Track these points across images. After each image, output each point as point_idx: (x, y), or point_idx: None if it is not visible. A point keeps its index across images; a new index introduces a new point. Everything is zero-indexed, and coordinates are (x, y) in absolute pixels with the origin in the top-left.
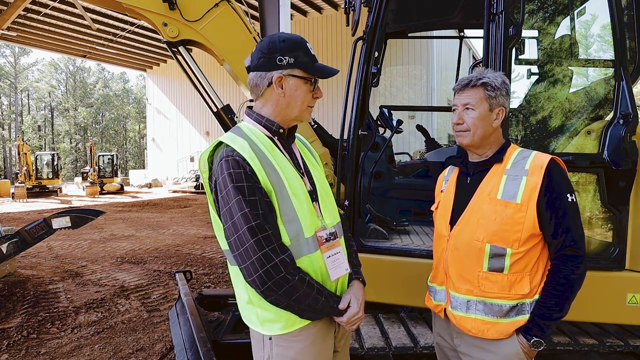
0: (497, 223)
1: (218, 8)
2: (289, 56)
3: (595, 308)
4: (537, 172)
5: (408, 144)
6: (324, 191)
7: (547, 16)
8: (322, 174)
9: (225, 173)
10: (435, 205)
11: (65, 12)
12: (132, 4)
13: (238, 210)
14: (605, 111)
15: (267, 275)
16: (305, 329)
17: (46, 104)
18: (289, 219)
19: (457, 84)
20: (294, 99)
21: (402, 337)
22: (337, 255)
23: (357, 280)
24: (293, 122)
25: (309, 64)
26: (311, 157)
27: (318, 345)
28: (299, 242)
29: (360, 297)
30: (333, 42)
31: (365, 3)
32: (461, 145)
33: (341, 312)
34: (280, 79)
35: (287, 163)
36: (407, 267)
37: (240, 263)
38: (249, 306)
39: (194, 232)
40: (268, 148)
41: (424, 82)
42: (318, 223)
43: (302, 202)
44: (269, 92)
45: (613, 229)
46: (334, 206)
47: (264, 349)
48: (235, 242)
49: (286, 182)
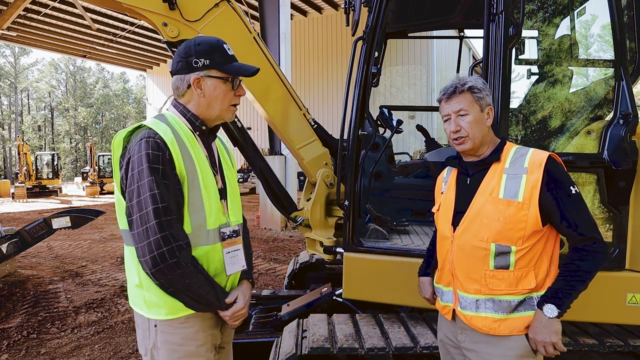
0: (500, 222)
1: (218, 8)
2: (204, 58)
3: (595, 308)
4: (537, 170)
5: (408, 144)
6: (234, 192)
7: (547, 16)
8: (234, 176)
9: (143, 152)
10: (436, 207)
11: (65, 12)
12: (132, 4)
13: (147, 190)
14: (605, 111)
15: (160, 257)
16: (191, 317)
17: (46, 104)
18: (195, 209)
19: (443, 93)
20: (213, 98)
21: (402, 337)
22: (236, 252)
23: (247, 280)
24: (216, 121)
25: (225, 64)
26: (228, 160)
27: (204, 333)
28: (199, 233)
29: (247, 295)
30: (333, 42)
31: (365, 3)
32: (462, 152)
33: (227, 306)
34: (198, 80)
35: (204, 159)
36: (407, 267)
37: (138, 242)
38: (138, 289)
39: None
40: (189, 140)
41: (424, 82)
42: (223, 219)
43: (211, 196)
44: (189, 93)
45: (613, 229)
46: (239, 208)
47: (150, 336)
48: (137, 220)
49: (200, 175)
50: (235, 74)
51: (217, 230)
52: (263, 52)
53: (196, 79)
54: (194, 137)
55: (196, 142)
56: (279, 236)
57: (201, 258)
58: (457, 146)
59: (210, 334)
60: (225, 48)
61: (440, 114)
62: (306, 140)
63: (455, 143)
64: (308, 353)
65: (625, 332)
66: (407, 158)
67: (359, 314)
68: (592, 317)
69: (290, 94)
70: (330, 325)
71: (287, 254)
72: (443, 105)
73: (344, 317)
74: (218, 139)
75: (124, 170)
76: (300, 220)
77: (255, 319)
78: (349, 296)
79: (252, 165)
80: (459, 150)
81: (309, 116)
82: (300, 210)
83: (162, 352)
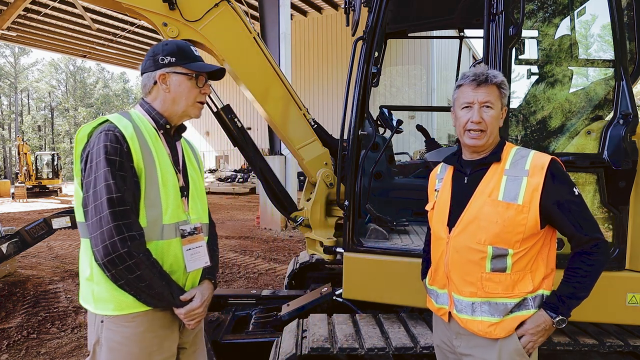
0: (499, 225)
1: (218, 8)
2: (170, 56)
3: (595, 308)
4: (538, 173)
5: (408, 144)
6: (197, 192)
7: (547, 16)
8: (199, 177)
9: (102, 144)
10: (430, 206)
11: (65, 12)
12: (132, 4)
13: (103, 181)
14: (605, 111)
15: (112, 247)
16: (141, 315)
17: (46, 104)
18: (151, 203)
19: (472, 79)
20: (178, 94)
21: (402, 337)
22: (198, 249)
23: (208, 280)
24: (182, 117)
25: (190, 62)
26: (193, 160)
27: (151, 334)
28: (154, 227)
29: (206, 294)
30: (333, 42)
31: (365, 3)
32: (474, 147)
33: (182, 303)
34: (164, 76)
35: (166, 156)
36: (407, 267)
37: (91, 232)
38: (88, 283)
39: None
40: (152, 137)
41: (424, 82)
42: (182, 216)
43: (170, 192)
44: (155, 89)
45: (613, 229)
46: (203, 208)
47: (95, 331)
48: (91, 210)
49: (159, 170)
50: (199, 70)
51: (175, 226)
52: (263, 52)
53: (162, 74)
54: (157, 135)
55: (159, 139)
56: (279, 236)
57: (155, 252)
58: (471, 139)
59: (161, 335)
60: (192, 49)
61: (455, 100)
62: (306, 140)
63: (470, 135)
64: (308, 353)
65: (625, 332)
66: (407, 158)
67: (359, 314)
68: (592, 317)
69: (290, 94)
70: (330, 325)
71: (287, 254)
72: (467, 90)
73: (344, 317)
74: (185, 140)
75: (84, 163)
76: (300, 220)
77: (255, 319)
78: (349, 296)
79: (252, 165)
80: (471, 145)
81: (309, 116)
82: (300, 210)
83: (104, 349)
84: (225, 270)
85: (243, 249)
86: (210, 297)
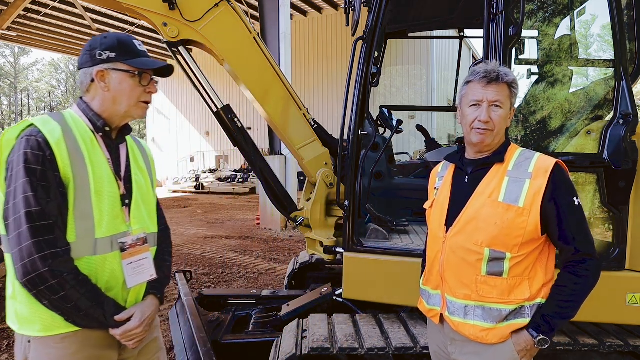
0: (497, 227)
1: (218, 8)
2: (110, 51)
3: (595, 308)
4: (542, 176)
5: (408, 144)
6: (143, 199)
7: (547, 16)
8: (147, 182)
9: (22, 152)
10: (428, 204)
11: (65, 12)
12: (132, 4)
13: (21, 193)
14: (605, 111)
15: (32, 266)
16: (71, 335)
17: (46, 104)
18: (81, 215)
19: (481, 75)
20: (119, 93)
21: (402, 337)
22: (141, 262)
23: (153, 295)
24: (125, 118)
25: (132, 57)
26: (142, 164)
27: (83, 355)
28: (86, 241)
29: (147, 313)
30: (333, 42)
31: (365, 3)
32: (480, 145)
33: (117, 323)
34: (103, 74)
35: (104, 162)
36: (407, 267)
37: (12, 248)
38: (11, 301)
39: (193, 232)
40: (86, 141)
41: (424, 82)
42: (122, 227)
43: (104, 202)
44: (94, 87)
45: (613, 229)
46: (151, 216)
47: (23, 351)
48: (12, 224)
49: (91, 179)
50: (142, 67)
51: (111, 239)
52: (263, 52)
53: (100, 71)
54: (94, 138)
55: (96, 143)
56: (279, 236)
57: (87, 269)
58: (477, 136)
59: (94, 355)
60: (135, 44)
61: (463, 96)
62: (306, 140)
63: (477, 132)
64: (308, 353)
65: (625, 332)
66: (407, 158)
67: (359, 314)
68: (592, 317)
69: (290, 93)
70: (330, 325)
71: (287, 254)
72: (476, 87)
73: (344, 317)
74: (134, 142)
75: (6, 171)
76: (300, 220)
77: (255, 319)
78: (349, 296)
79: (252, 165)
80: (477, 141)
81: (309, 116)
82: (300, 210)
83: None
84: (225, 270)
85: (243, 249)
86: (153, 314)
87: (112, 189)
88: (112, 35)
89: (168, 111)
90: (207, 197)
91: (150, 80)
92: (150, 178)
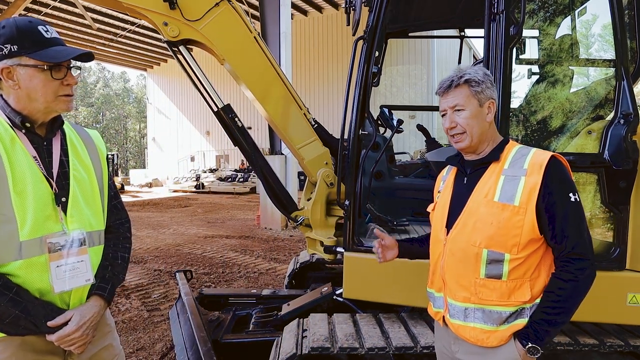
0: (494, 227)
1: (218, 7)
2: (10, 43)
3: (595, 308)
4: (537, 172)
5: (408, 143)
6: (84, 196)
7: (548, 16)
8: (92, 177)
9: None
10: (431, 207)
11: (66, 11)
12: (133, 4)
13: None
14: (606, 111)
15: None
16: (7, 339)
17: None
18: (3, 219)
19: (439, 88)
20: (32, 90)
21: (402, 337)
22: (76, 264)
23: (96, 296)
24: (48, 114)
25: (38, 49)
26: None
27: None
28: (9, 245)
29: (87, 315)
30: (334, 42)
31: (366, 3)
32: (461, 150)
33: (50, 329)
34: (9, 71)
35: (27, 160)
36: (407, 267)
37: None
38: None
39: (194, 231)
40: (4, 139)
41: (424, 82)
42: (54, 228)
43: (29, 202)
44: (4, 85)
45: (613, 229)
46: (95, 212)
47: None
48: None
49: (9, 178)
50: (52, 60)
51: (40, 241)
52: (263, 52)
53: (5, 68)
54: (14, 135)
55: (17, 141)
56: (279, 236)
57: (15, 274)
58: (455, 143)
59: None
60: (41, 30)
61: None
62: (306, 139)
63: (453, 140)
64: (308, 353)
65: (625, 332)
66: (408, 158)
67: (359, 314)
68: (592, 317)
69: (291, 93)
70: (330, 324)
71: (288, 254)
72: (440, 99)
73: (344, 316)
74: (80, 133)
75: None
76: (301, 220)
77: (256, 318)
78: (349, 296)
79: (252, 164)
80: (457, 148)
81: (309, 116)
82: (301, 210)
83: None
84: (226, 270)
85: (243, 248)
86: (96, 316)
87: (40, 188)
88: (9, 22)
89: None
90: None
91: (67, 72)
92: (97, 172)
